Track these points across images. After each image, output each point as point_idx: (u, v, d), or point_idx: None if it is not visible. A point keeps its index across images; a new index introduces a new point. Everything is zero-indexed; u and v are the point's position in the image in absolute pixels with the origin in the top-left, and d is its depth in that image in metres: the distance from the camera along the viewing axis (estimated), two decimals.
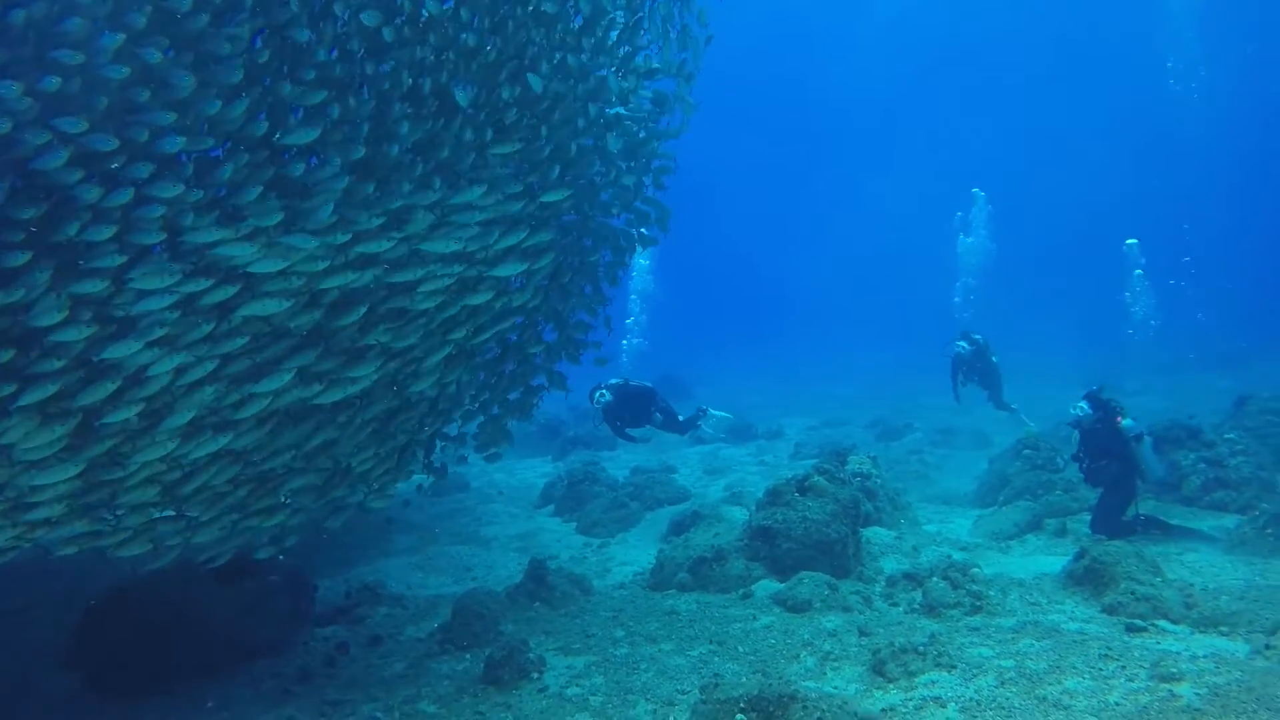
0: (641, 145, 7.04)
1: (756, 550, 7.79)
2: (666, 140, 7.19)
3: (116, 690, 6.01)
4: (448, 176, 5.36)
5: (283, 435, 5.37)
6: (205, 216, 4.44)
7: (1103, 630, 5.85)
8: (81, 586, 7.42)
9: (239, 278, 4.59)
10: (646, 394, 11.70)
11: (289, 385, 4.99)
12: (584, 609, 7.41)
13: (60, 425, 4.21)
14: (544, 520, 11.92)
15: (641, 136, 7.02)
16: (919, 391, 23.19)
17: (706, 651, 6.14)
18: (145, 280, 4.24)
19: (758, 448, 16.77)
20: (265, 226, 4.55)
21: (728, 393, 26.34)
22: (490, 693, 5.75)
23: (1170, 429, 9.84)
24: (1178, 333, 29.52)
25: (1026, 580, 7.10)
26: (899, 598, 6.98)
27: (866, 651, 5.76)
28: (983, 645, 5.70)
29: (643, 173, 7.15)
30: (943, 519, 9.90)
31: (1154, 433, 9.80)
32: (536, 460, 18.10)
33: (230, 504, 5.41)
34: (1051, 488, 9.55)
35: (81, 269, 4.14)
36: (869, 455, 10.22)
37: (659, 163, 7.30)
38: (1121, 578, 6.44)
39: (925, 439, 15.79)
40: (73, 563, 7.46)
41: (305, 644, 6.96)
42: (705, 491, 12.60)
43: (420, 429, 6.44)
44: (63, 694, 6.09)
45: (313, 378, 5.17)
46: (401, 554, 10.09)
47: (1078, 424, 8.80)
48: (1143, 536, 8.08)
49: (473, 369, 6.66)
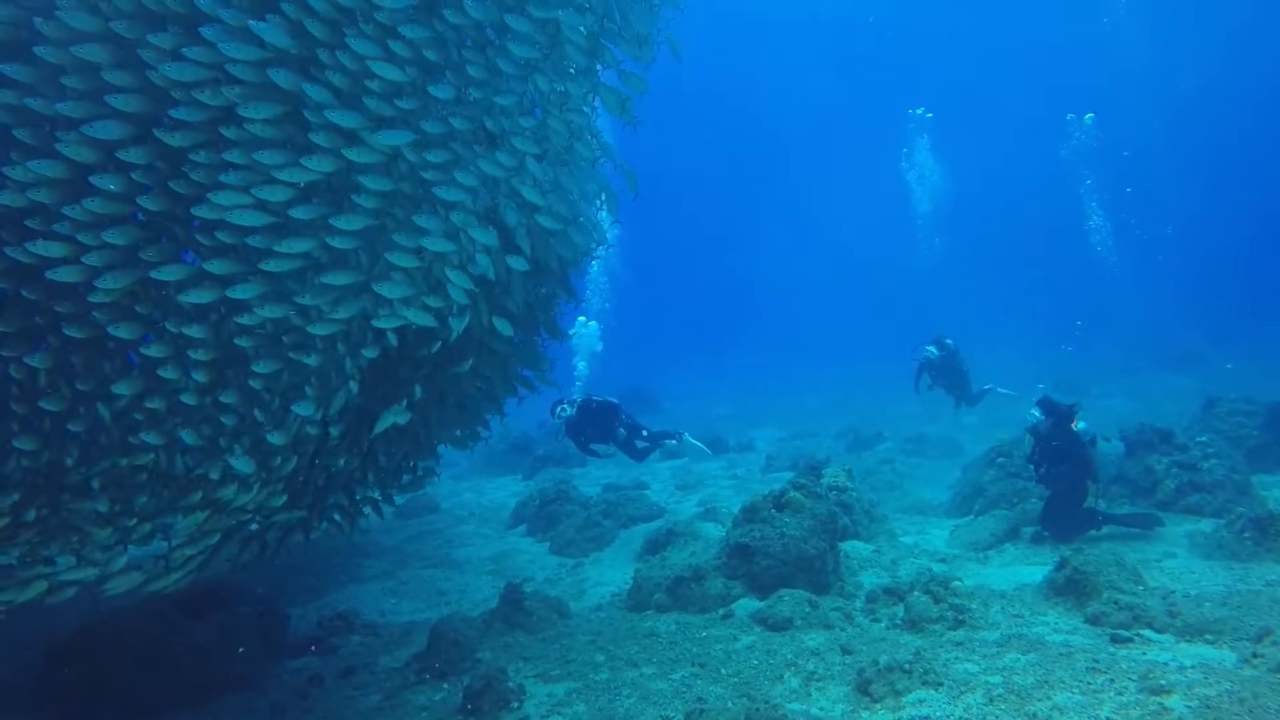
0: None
1: (735, 568, 7.69)
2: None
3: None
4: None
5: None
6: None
7: (1088, 642, 5.81)
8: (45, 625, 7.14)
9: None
10: (610, 410, 11.56)
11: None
12: (562, 633, 7.25)
13: None
14: (517, 541, 11.73)
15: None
16: (886, 400, 23.38)
17: (689, 674, 6.01)
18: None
19: (729, 461, 16.73)
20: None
21: (696, 406, 26.37)
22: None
23: (1142, 432, 9.91)
24: (1133, 330, 30.30)
25: (1008, 591, 7.07)
26: (880, 613, 6.91)
27: (851, 670, 5.67)
28: (968, 660, 5.64)
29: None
30: (919, 530, 9.88)
31: (1126, 436, 9.94)
32: (507, 479, 17.92)
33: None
34: (1027, 495, 9.56)
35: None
36: (844, 468, 10.18)
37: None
38: (1104, 587, 6.42)
39: (896, 448, 15.85)
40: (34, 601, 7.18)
41: (278, 676, 6.74)
42: (679, 508, 12.49)
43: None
44: None
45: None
46: (373, 580, 9.85)
47: (1034, 430, 8.90)
48: (1119, 542, 8.14)
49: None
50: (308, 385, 5.25)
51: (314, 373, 5.28)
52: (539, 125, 5.72)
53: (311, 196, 4.86)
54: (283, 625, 7.10)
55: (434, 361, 6.05)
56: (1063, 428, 8.75)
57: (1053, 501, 8.77)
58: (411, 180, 5.16)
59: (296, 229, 4.78)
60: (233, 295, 4.69)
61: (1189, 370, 22.20)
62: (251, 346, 4.96)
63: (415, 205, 5.18)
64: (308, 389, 5.24)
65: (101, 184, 4.37)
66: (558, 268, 6.72)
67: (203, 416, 5.05)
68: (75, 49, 4.23)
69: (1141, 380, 21.83)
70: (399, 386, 5.95)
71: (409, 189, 5.17)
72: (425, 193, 5.19)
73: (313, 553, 11.17)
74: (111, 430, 4.92)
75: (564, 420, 11.25)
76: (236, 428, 5.12)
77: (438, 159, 5.07)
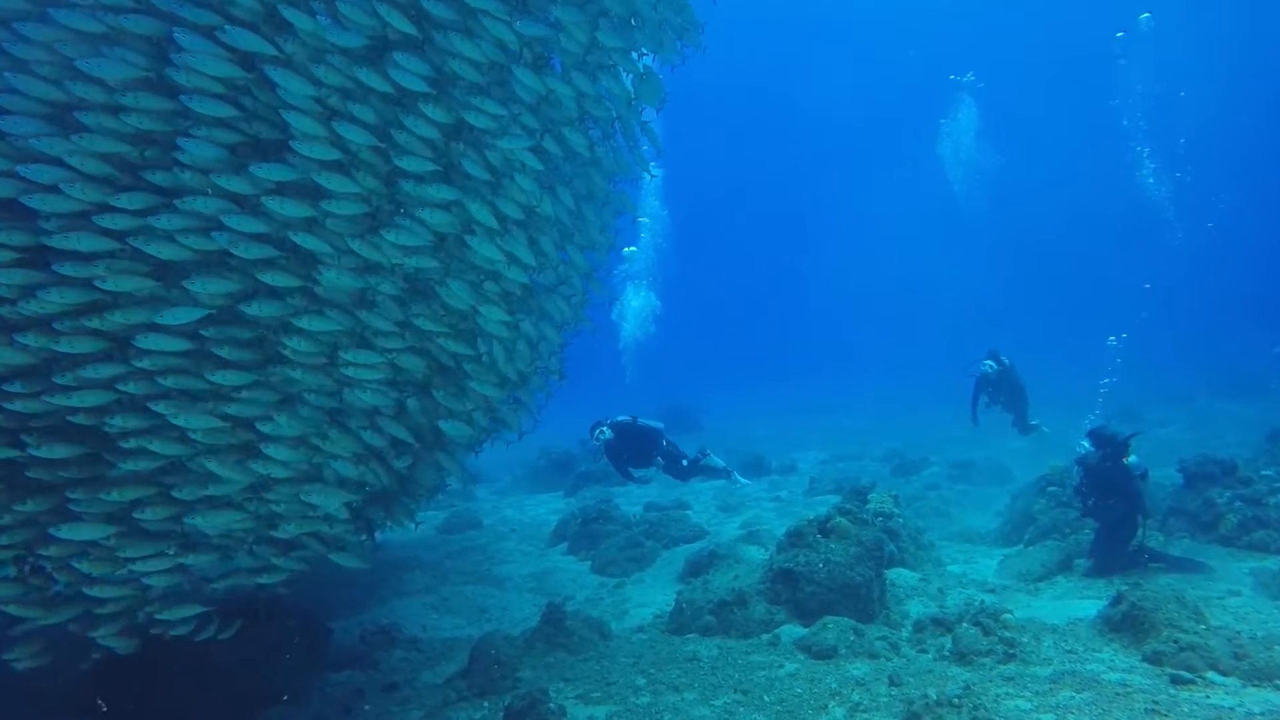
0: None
1: (778, 593, 7.59)
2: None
3: None
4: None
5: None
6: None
7: (1147, 682, 5.61)
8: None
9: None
10: (651, 434, 11.25)
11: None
12: (603, 654, 7.21)
13: None
14: (558, 559, 11.72)
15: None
16: (931, 422, 23.03)
17: (731, 701, 5.93)
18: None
19: (771, 483, 16.56)
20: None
21: (737, 425, 26.19)
22: None
23: (1202, 464, 9.58)
24: (1187, 356, 29.27)
25: (1060, 626, 6.87)
26: (928, 644, 6.76)
27: (898, 702, 5.54)
28: (1019, 697, 5.48)
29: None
30: (967, 559, 9.66)
31: (1184, 468, 9.63)
32: (548, 495, 17.94)
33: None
34: (1080, 526, 9.29)
35: None
36: (890, 494, 10.01)
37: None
38: (1163, 625, 6.20)
39: (943, 473, 15.55)
40: None
41: (320, 690, 6.79)
42: (720, 530, 12.38)
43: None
44: None
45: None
46: (415, 594, 9.90)
47: (1083, 462, 8.67)
48: (1180, 578, 7.88)
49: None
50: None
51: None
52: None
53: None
54: (326, 638, 7.15)
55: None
56: (1113, 460, 8.51)
57: (1100, 535, 8.53)
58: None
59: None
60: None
61: (1250, 398, 21.40)
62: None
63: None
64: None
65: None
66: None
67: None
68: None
69: (1199, 407, 21.17)
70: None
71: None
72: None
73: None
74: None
75: (602, 443, 10.99)
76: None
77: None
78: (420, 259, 5.44)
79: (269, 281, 4.92)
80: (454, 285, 5.62)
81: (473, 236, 5.58)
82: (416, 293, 5.67)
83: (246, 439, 5.13)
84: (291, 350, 5.08)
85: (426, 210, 5.32)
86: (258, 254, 4.82)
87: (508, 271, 5.87)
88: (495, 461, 20.61)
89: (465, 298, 5.69)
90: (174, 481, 5.02)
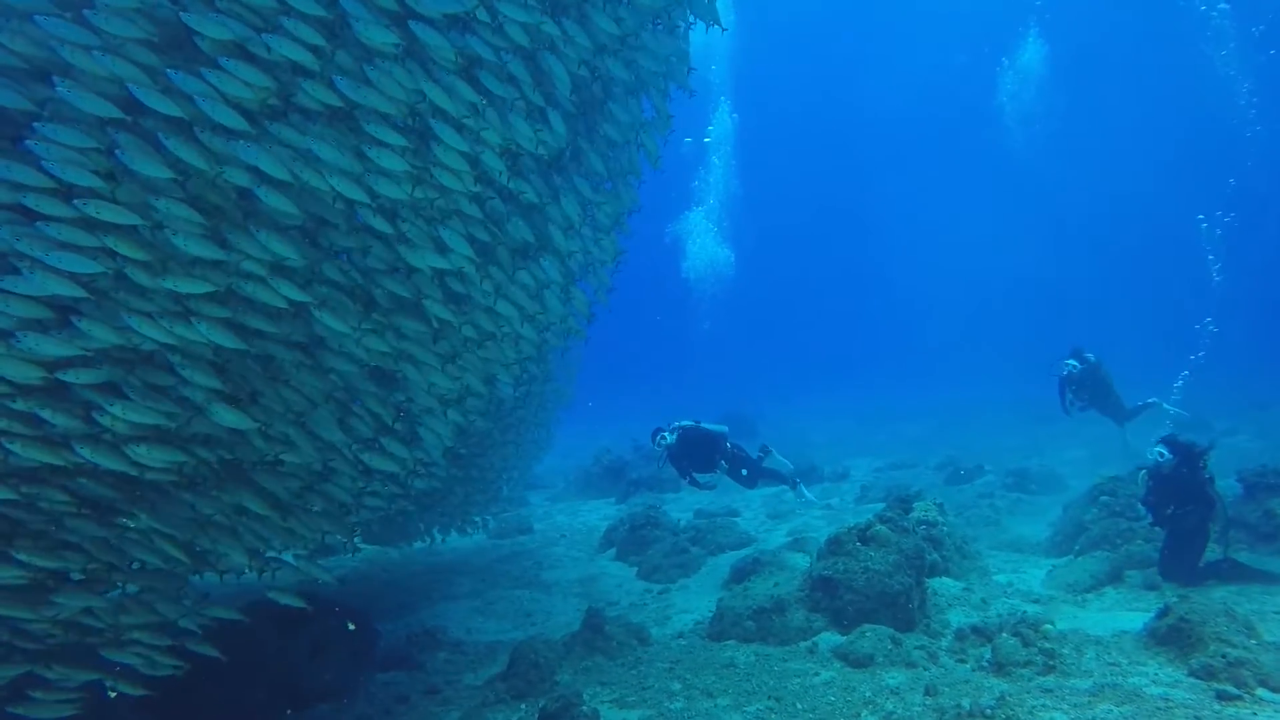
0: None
1: (817, 601, 7.59)
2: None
3: None
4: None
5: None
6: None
7: (1190, 697, 5.48)
8: None
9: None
10: (714, 438, 10.84)
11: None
12: (641, 659, 7.30)
13: None
14: (605, 564, 11.86)
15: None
16: (991, 431, 22.59)
17: (763, 708, 5.97)
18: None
19: (823, 490, 16.45)
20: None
21: (794, 432, 26.01)
22: None
23: (1263, 474, 9.26)
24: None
25: (1104, 638, 6.72)
26: (967, 654, 6.69)
27: (931, 712, 5.52)
28: (1056, 709, 5.40)
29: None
30: (1014, 568, 9.49)
31: (1244, 478, 9.33)
32: (600, 502, 18.13)
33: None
34: (1132, 537, 9.07)
35: None
36: (935, 502, 9.88)
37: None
38: (1210, 639, 6.03)
39: (997, 482, 15.24)
40: None
41: (366, 689, 7.02)
42: (768, 537, 12.37)
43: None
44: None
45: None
46: (463, 598, 10.13)
47: (1156, 469, 8.40)
48: (1234, 591, 7.64)
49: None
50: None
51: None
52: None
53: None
54: (372, 640, 7.39)
55: None
56: (1191, 469, 8.24)
57: (1172, 546, 8.27)
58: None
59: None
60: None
61: None
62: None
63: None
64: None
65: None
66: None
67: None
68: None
69: (1274, 416, 20.32)
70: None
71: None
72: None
73: (408, 569, 11.62)
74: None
75: (664, 448, 10.62)
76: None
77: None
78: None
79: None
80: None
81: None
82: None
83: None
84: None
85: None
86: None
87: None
88: (550, 468, 20.98)
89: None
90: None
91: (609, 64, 6.16)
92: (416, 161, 5.05)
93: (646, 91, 6.97)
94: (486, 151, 5.33)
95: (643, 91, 6.93)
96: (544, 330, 6.86)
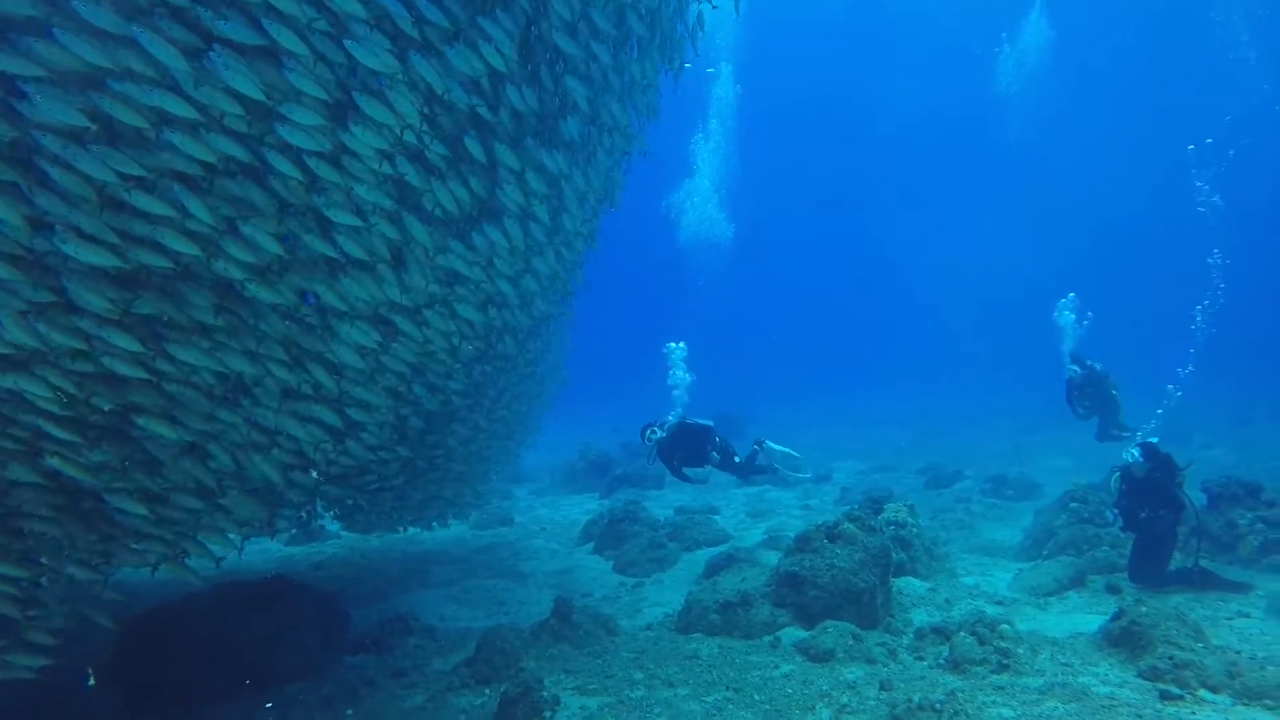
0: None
1: (783, 596, 7.70)
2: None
3: (150, 709, 6.22)
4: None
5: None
6: None
7: (1135, 696, 5.61)
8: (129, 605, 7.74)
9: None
10: (703, 432, 10.96)
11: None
12: (607, 649, 7.41)
13: None
14: (583, 557, 11.97)
15: None
16: (978, 439, 22.76)
17: (722, 698, 6.08)
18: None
19: (804, 491, 16.60)
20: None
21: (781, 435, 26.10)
22: None
23: (1226, 485, 9.41)
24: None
25: (1060, 639, 6.86)
26: (926, 651, 6.81)
27: (884, 706, 5.64)
28: (1004, 705, 5.52)
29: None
30: (983, 571, 9.62)
31: (1208, 488, 9.47)
32: (583, 497, 18.25)
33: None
34: (1098, 543, 9.21)
35: None
36: (906, 504, 10.01)
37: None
38: (1159, 641, 6.17)
39: (975, 487, 15.40)
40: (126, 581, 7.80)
41: (334, 671, 7.12)
42: (745, 535, 12.50)
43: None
44: (103, 709, 6.33)
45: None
46: (439, 586, 10.23)
47: (1126, 471, 8.54)
48: (1191, 598, 7.78)
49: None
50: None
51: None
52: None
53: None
54: (343, 623, 7.49)
55: None
56: (1165, 474, 8.37)
57: (1141, 550, 8.40)
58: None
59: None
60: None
61: None
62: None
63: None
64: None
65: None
66: None
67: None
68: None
69: (1254, 432, 20.52)
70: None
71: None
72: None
73: (387, 557, 11.72)
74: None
75: (655, 443, 10.78)
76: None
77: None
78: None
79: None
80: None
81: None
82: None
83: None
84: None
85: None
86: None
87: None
88: (536, 463, 21.09)
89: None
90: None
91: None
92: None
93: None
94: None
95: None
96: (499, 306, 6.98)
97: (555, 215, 6.88)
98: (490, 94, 5.77)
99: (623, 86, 7.14)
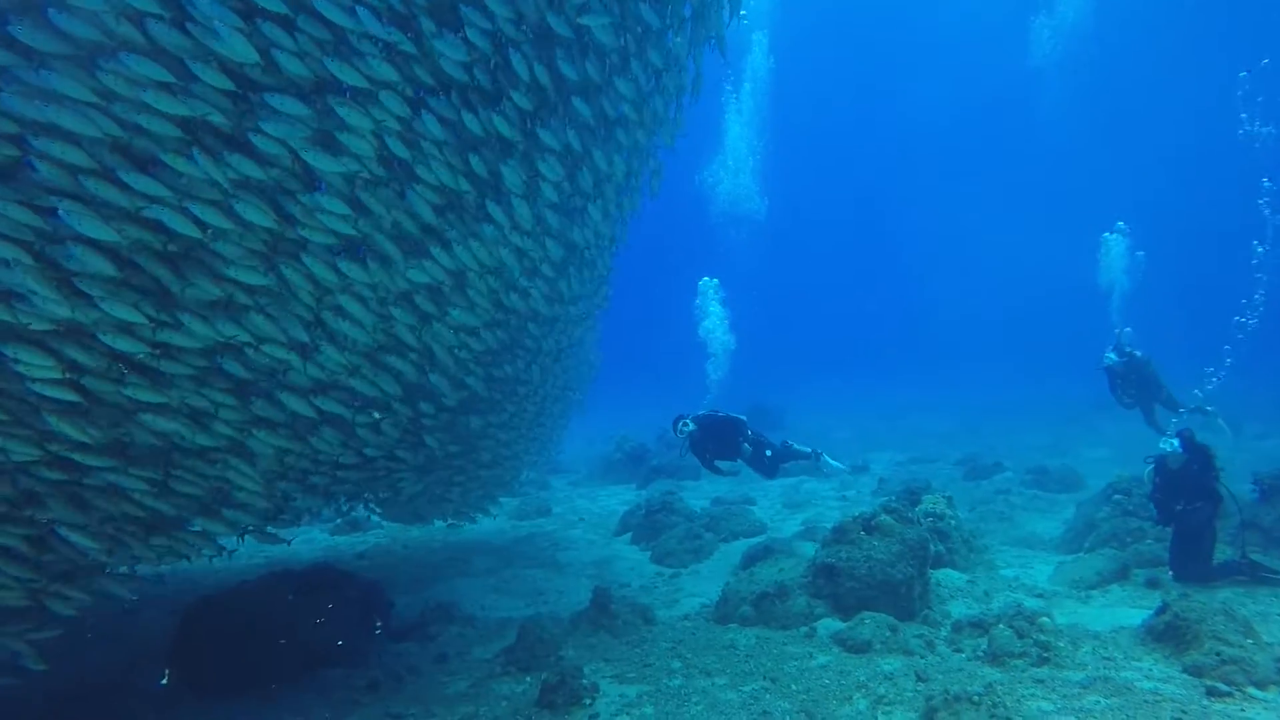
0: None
1: (820, 588, 7.71)
2: None
3: (207, 689, 6.44)
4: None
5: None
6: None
7: (1180, 692, 5.54)
8: (183, 593, 8.00)
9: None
10: (735, 425, 10.89)
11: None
12: (645, 638, 7.48)
13: None
14: (621, 548, 12.06)
15: None
16: (1016, 429, 22.44)
17: (759, 688, 6.12)
18: None
19: (841, 483, 16.51)
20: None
21: (818, 425, 26.04)
22: (544, 716, 5.89)
23: (1279, 477, 9.21)
24: None
25: (1102, 633, 6.79)
26: (964, 644, 6.78)
27: (921, 697, 5.63)
28: (1044, 699, 5.50)
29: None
30: (1023, 563, 9.53)
31: (1260, 481, 9.27)
32: (620, 488, 18.34)
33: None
34: (1142, 536, 9.07)
35: None
36: (944, 495, 9.93)
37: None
38: (1206, 637, 6.07)
39: (1015, 479, 15.22)
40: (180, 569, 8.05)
41: (378, 656, 7.28)
42: (782, 526, 12.50)
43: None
44: (161, 691, 6.55)
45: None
46: (479, 575, 10.38)
47: (1162, 462, 8.39)
48: (1242, 592, 7.64)
49: None
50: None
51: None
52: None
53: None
54: (387, 610, 7.64)
55: None
56: (1202, 465, 8.23)
57: (1180, 543, 8.25)
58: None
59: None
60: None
61: None
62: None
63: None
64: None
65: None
66: None
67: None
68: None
69: None
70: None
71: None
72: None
73: (428, 546, 11.91)
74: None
75: (686, 435, 10.72)
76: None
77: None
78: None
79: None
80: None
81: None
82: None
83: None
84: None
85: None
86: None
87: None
88: (573, 454, 21.25)
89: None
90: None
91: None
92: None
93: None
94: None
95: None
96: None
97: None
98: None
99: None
